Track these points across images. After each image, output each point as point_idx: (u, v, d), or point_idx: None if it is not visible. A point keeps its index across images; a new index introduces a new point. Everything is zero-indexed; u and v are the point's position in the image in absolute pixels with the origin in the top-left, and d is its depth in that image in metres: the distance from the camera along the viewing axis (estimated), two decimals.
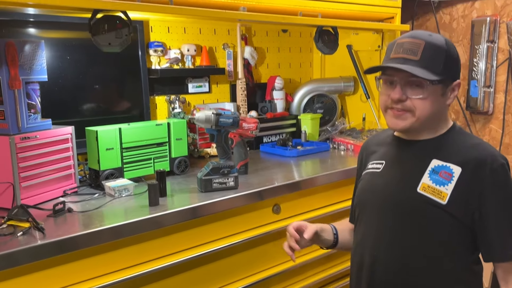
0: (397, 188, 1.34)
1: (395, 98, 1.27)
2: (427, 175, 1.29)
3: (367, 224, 1.41)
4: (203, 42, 2.68)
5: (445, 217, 1.25)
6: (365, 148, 1.56)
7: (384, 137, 1.50)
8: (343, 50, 3.04)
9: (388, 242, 1.34)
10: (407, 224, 1.31)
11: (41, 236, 1.41)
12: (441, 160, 1.29)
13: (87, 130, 1.94)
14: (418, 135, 1.35)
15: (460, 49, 3.11)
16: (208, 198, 1.77)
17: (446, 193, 1.25)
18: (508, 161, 1.29)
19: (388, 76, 1.30)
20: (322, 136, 2.90)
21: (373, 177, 1.42)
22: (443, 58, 1.26)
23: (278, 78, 2.93)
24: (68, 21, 2.09)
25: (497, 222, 1.24)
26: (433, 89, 1.26)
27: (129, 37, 1.78)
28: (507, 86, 2.90)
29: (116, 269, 1.56)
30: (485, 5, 2.96)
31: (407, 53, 1.26)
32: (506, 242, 1.25)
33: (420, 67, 1.24)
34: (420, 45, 1.25)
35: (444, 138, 1.34)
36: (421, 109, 1.27)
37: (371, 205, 1.40)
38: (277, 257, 2.03)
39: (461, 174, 1.25)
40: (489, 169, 1.23)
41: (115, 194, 1.80)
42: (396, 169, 1.38)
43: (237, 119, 1.92)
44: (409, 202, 1.30)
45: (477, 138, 1.36)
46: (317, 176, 2.12)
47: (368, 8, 2.62)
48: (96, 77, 2.28)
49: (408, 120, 1.29)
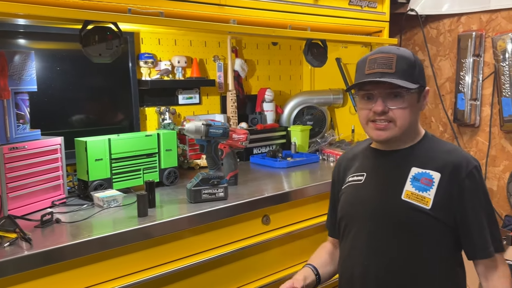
0: (382, 197, 1.38)
1: (379, 111, 1.32)
2: (409, 182, 1.35)
3: (355, 236, 1.42)
4: (194, 54, 2.70)
5: (431, 221, 1.31)
6: (340, 163, 1.59)
7: (359, 150, 1.55)
8: (332, 63, 3.08)
9: (378, 251, 1.36)
10: (395, 231, 1.34)
11: (28, 247, 1.40)
12: (420, 168, 1.36)
13: (76, 140, 1.94)
14: (395, 145, 1.41)
15: (447, 62, 3.16)
16: (197, 208, 1.77)
17: (429, 198, 1.31)
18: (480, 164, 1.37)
19: (366, 91, 1.35)
20: (312, 147, 2.92)
21: (356, 189, 1.45)
22: (414, 68, 1.34)
23: (268, 90, 2.95)
24: (58, 32, 2.10)
25: (477, 221, 1.32)
26: (410, 97, 1.34)
27: (120, 48, 1.79)
28: (492, 99, 2.95)
29: (104, 280, 1.54)
30: (470, 20, 3.02)
31: (382, 67, 1.32)
32: (486, 240, 1.32)
33: (397, 78, 1.30)
34: (392, 58, 1.32)
35: (419, 146, 1.41)
36: (402, 118, 1.33)
37: (358, 217, 1.42)
38: (266, 268, 2.03)
39: (440, 179, 1.32)
40: (465, 172, 1.32)
41: (104, 205, 1.79)
42: (378, 179, 1.42)
43: (227, 130, 1.93)
44: (395, 210, 1.35)
45: (450, 144, 1.45)
46: (307, 187, 2.13)
47: (357, 22, 2.66)
48: (86, 88, 2.29)
49: (391, 130, 1.35)
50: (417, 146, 1.41)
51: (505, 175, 2.94)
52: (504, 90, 2.83)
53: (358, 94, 1.39)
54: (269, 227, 2.01)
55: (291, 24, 2.32)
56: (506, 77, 2.80)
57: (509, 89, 2.80)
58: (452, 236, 1.34)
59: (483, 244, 1.32)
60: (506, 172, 2.93)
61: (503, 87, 2.83)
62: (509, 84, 2.79)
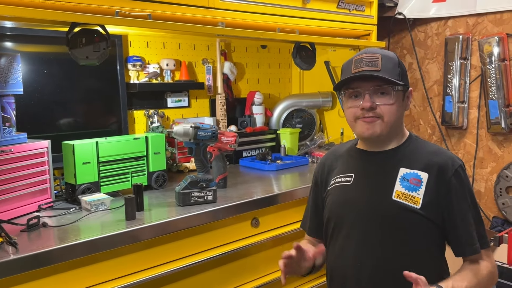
0: (373, 198, 1.40)
1: (367, 106, 1.34)
2: (399, 182, 1.37)
3: (346, 236, 1.43)
4: (183, 57, 2.70)
5: (421, 220, 1.34)
6: (323, 163, 1.59)
7: (343, 150, 1.56)
8: (321, 66, 3.09)
9: (371, 251, 1.37)
10: (387, 231, 1.36)
11: (14, 251, 1.38)
12: (407, 168, 1.39)
13: (64, 144, 1.92)
14: (382, 146, 1.43)
15: (435, 65, 3.19)
16: (185, 212, 1.76)
17: (418, 198, 1.34)
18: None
19: (353, 89, 1.37)
20: (301, 150, 2.93)
21: (345, 189, 1.46)
22: (398, 67, 1.38)
23: (258, 93, 2.95)
24: (45, 34, 2.08)
25: (463, 219, 1.35)
26: (397, 95, 1.36)
27: (107, 51, 1.78)
28: (479, 102, 2.98)
29: (92, 284, 1.53)
30: (457, 23, 3.06)
31: (368, 66, 1.35)
32: (472, 237, 1.36)
33: (384, 75, 1.33)
34: (377, 57, 1.35)
35: (405, 147, 1.43)
36: (388, 114, 1.36)
37: (348, 218, 1.43)
38: (256, 271, 2.02)
39: (428, 179, 1.36)
40: (451, 171, 1.36)
41: (92, 209, 1.78)
42: (368, 180, 1.44)
43: (215, 132, 1.93)
44: (387, 210, 1.37)
45: (434, 144, 1.49)
46: (296, 189, 2.13)
47: (345, 25, 2.68)
48: (73, 91, 2.27)
49: (379, 126, 1.37)
50: (403, 146, 1.44)
51: (492, 176, 2.97)
52: (491, 93, 2.86)
53: (345, 93, 1.40)
54: (258, 229, 2.01)
55: (279, 27, 2.33)
56: (492, 80, 2.84)
57: (495, 92, 2.83)
58: (440, 234, 1.38)
59: (470, 241, 1.35)
60: (494, 174, 2.96)
61: (490, 90, 2.86)
62: (495, 87, 2.83)
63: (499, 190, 2.91)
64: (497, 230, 2.82)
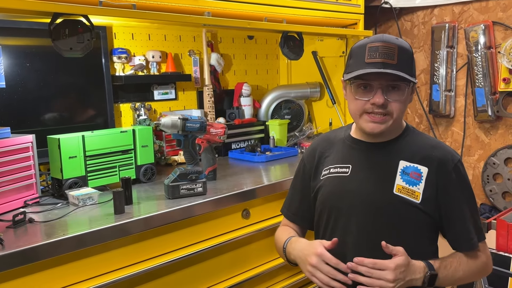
0: (373, 191, 1.36)
1: (380, 103, 1.28)
2: (399, 176, 1.34)
3: (343, 229, 1.39)
4: (169, 49, 2.66)
5: (420, 215, 1.33)
6: (315, 148, 1.53)
7: (337, 138, 1.50)
8: (308, 57, 3.08)
9: (370, 244, 1.33)
10: (386, 224, 1.34)
11: (0, 248, 1.34)
12: (407, 161, 1.36)
13: (49, 138, 1.88)
14: (382, 137, 1.39)
15: (422, 54, 3.20)
16: (175, 204, 1.74)
17: (419, 193, 1.32)
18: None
19: (365, 81, 1.30)
20: (290, 141, 2.92)
21: (342, 181, 1.41)
22: (412, 60, 1.33)
23: (246, 84, 2.93)
24: (27, 27, 2.03)
25: (461, 213, 1.34)
26: (408, 91, 1.32)
27: (92, 42, 1.74)
28: (466, 90, 2.99)
29: (81, 279, 1.50)
30: (443, 12, 3.06)
31: (384, 57, 1.26)
32: (470, 231, 1.35)
33: (398, 70, 1.26)
34: (394, 49, 1.27)
35: (403, 139, 1.40)
36: (398, 111, 1.31)
37: (346, 210, 1.39)
38: (248, 262, 2.01)
39: (428, 173, 1.33)
40: (451, 166, 1.34)
41: (79, 203, 1.74)
42: (366, 172, 1.39)
43: (204, 124, 1.90)
44: (387, 204, 1.34)
45: (432, 137, 1.47)
46: (286, 180, 2.12)
47: (332, 14, 2.66)
48: (57, 85, 2.22)
49: (386, 124, 1.32)
50: (401, 138, 1.40)
51: (479, 164, 2.99)
52: (477, 81, 2.87)
53: (355, 83, 1.32)
54: (249, 221, 2.00)
55: (266, 17, 2.31)
56: (479, 68, 2.85)
57: (482, 80, 2.85)
58: (435, 228, 1.38)
59: (467, 236, 1.35)
60: (481, 161, 2.98)
61: (476, 78, 2.87)
62: (481, 74, 2.84)
63: (486, 177, 2.94)
64: (485, 216, 2.85)
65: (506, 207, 2.79)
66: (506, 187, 2.85)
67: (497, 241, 2.27)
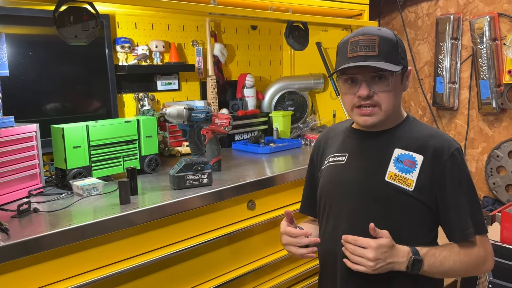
0: (365, 178, 1.37)
1: (364, 95, 1.30)
2: (393, 164, 1.34)
3: (337, 216, 1.41)
4: (172, 39, 2.63)
5: (413, 202, 1.32)
6: (320, 142, 1.58)
7: (340, 130, 1.53)
8: (312, 48, 3.05)
9: (360, 231, 1.33)
10: (378, 212, 1.34)
11: (5, 237, 1.33)
12: (403, 149, 1.35)
13: (53, 128, 1.86)
14: (378, 127, 1.39)
15: (426, 46, 3.17)
16: (181, 195, 1.72)
17: (412, 180, 1.31)
18: (465, 154, 1.37)
19: (349, 75, 1.33)
20: (294, 133, 2.90)
21: (338, 169, 1.43)
22: (396, 49, 1.32)
23: (249, 75, 2.91)
24: (31, 14, 2.00)
25: (456, 202, 1.32)
26: (395, 80, 1.32)
27: (97, 30, 1.71)
28: (470, 82, 2.98)
29: (86, 270, 1.49)
30: (448, 3, 3.04)
31: (364, 50, 1.29)
32: (464, 221, 1.32)
33: (381, 60, 1.28)
34: (375, 40, 1.30)
35: (402, 128, 1.40)
36: (386, 102, 1.32)
37: (340, 197, 1.41)
38: (253, 253, 2.00)
39: (423, 161, 1.33)
40: (447, 154, 1.32)
41: (84, 194, 1.73)
42: (361, 160, 1.41)
43: (210, 114, 1.88)
44: (379, 191, 1.34)
45: (432, 127, 1.45)
46: (291, 171, 2.11)
47: (337, 4, 2.64)
48: (61, 74, 2.20)
49: (376, 115, 1.34)
50: (400, 127, 1.40)
51: (483, 156, 2.98)
52: (482, 73, 2.86)
53: (341, 78, 1.36)
54: (254, 212, 1.98)
55: (272, 6, 2.28)
56: (483, 60, 2.83)
57: (486, 72, 2.83)
58: (432, 217, 1.35)
59: (460, 226, 1.32)
60: (484, 154, 2.97)
61: (481, 70, 2.86)
62: (486, 66, 2.82)
63: (490, 170, 2.93)
64: (488, 209, 2.85)
65: (509, 200, 2.79)
66: (510, 180, 2.84)
67: (502, 233, 2.27)
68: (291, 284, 2.20)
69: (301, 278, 2.25)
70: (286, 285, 2.17)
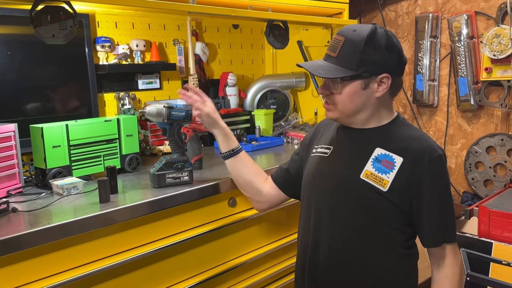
0: (342, 173, 1.40)
1: (319, 93, 1.44)
2: (370, 163, 1.36)
3: (314, 207, 1.45)
4: (153, 38, 2.63)
5: (386, 203, 1.33)
6: (316, 129, 1.64)
7: (335, 123, 1.55)
8: (293, 46, 3.07)
9: (332, 224, 1.39)
10: (351, 208, 1.37)
11: None
12: (384, 149, 1.36)
13: (32, 127, 1.85)
14: (362, 124, 1.41)
15: (406, 44, 3.22)
16: (161, 193, 1.73)
17: (387, 181, 1.32)
18: (445, 153, 1.39)
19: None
20: (276, 131, 2.92)
21: (321, 161, 1.48)
22: (358, 54, 1.30)
23: (231, 74, 2.92)
24: (7, 14, 1.98)
25: (430, 209, 1.33)
26: (348, 85, 1.34)
27: (74, 29, 1.71)
28: (449, 80, 3.03)
29: (66, 269, 1.49)
30: (427, 2, 3.09)
31: (329, 50, 1.37)
32: (436, 228, 1.35)
33: (336, 63, 1.33)
34: (340, 42, 1.33)
35: (388, 128, 1.41)
36: (341, 103, 1.36)
37: (316, 188, 1.46)
38: (235, 250, 2.01)
39: (402, 163, 1.33)
40: (428, 159, 1.32)
41: (64, 193, 1.72)
42: (342, 155, 1.44)
43: (189, 112, 1.88)
44: (353, 188, 1.37)
45: (419, 130, 1.44)
46: (272, 169, 2.11)
47: (317, 3, 2.66)
48: (40, 73, 2.18)
49: (333, 112, 1.40)
50: (386, 127, 1.41)
51: (462, 152, 3.04)
52: (460, 70, 2.91)
53: None
54: (235, 209, 2.00)
55: (252, 5, 2.29)
56: (461, 58, 2.89)
57: (464, 69, 2.88)
58: (406, 219, 1.36)
59: (432, 233, 1.35)
60: (463, 150, 3.03)
61: (459, 67, 2.91)
62: (464, 64, 2.88)
63: (468, 166, 2.99)
64: (467, 204, 2.90)
65: (487, 195, 2.84)
66: (488, 175, 2.90)
67: (479, 227, 2.31)
68: (273, 281, 2.22)
69: (282, 274, 2.26)
70: (268, 281, 2.19)
